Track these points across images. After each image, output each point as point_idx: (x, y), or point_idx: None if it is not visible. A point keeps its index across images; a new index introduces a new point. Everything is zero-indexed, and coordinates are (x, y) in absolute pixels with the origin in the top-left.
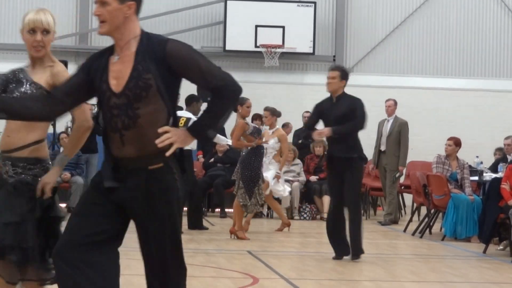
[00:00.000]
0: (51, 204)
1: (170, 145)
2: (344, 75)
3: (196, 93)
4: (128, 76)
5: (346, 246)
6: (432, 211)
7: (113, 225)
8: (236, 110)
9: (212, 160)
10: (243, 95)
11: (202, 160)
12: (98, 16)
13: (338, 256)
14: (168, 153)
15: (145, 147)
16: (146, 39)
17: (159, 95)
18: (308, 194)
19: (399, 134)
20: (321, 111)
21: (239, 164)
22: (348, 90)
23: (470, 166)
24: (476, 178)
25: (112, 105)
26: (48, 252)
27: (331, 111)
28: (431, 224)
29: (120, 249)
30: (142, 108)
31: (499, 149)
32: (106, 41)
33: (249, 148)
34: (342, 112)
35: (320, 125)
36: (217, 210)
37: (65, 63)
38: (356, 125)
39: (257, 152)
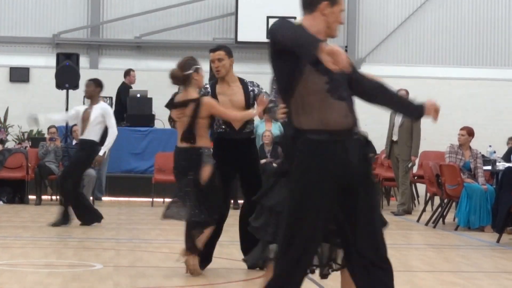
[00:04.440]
0: None
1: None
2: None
3: None
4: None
5: None
6: (445, 201)
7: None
8: None
9: None
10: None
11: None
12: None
13: None
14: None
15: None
16: None
17: None
18: None
19: (411, 124)
20: None
21: None
22: None
23: (483, 155)
24: (489, 167)
25: None
26: None
27: None
28: (444, 214)
29: (133, 242)
30: None
31: None
32: (117, 34)
33: None
34: None
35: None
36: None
37: (77, 56)
38: None
39: None
